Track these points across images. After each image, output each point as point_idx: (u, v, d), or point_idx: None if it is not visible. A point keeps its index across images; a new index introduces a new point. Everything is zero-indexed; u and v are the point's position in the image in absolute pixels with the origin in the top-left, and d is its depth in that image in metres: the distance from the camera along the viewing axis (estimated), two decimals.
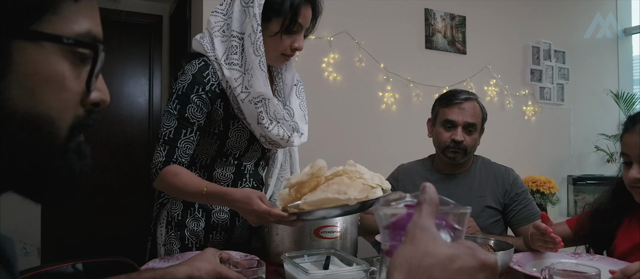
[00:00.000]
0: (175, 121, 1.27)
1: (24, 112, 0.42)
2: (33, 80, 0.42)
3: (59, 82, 0.45)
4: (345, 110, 3.08)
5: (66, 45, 0.44)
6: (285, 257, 1.05)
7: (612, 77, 4.31)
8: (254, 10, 1.23)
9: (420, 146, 2.09)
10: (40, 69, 0.43)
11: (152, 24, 4.01)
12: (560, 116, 3.99)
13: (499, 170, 1.73)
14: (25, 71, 0.42)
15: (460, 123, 1.65)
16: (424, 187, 0.47)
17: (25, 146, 0.43)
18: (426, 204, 0.46)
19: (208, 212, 1.39)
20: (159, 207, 1.43)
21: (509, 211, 1.68)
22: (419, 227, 0.44)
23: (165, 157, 1.26)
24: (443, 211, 0.48)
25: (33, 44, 0.42)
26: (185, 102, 1.27)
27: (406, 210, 0.49)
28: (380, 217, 0.50)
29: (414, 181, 1.79)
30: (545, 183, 3.53)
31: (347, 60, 3.08)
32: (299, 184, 1.06)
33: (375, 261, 1.00)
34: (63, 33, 0.44)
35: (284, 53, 1.32)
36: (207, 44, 1.30)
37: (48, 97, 0.44)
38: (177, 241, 1.38)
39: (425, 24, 3.38)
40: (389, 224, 0.49)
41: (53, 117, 0.44)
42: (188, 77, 1.27)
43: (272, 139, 1.34)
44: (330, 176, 1.06)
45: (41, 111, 0.43)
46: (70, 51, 0.45)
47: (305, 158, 2.78)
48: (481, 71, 3.57)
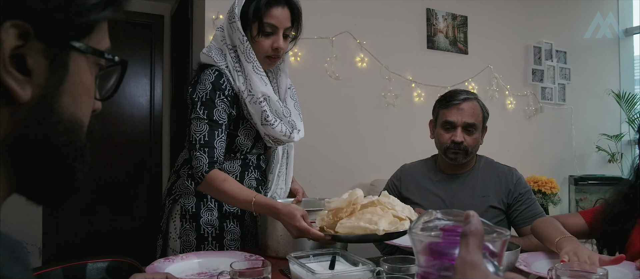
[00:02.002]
0: (206, 125, 1.38)
1: (68, 118, 0.46)
2: (79, 89, 0.47)
3: (91, 91, 0.49)
4: (346, 110, 3.08)
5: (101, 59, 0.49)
6: (291, 257, 1.05)
7: (614, 77, 4.31)
8: (237, 24, 1.40)
9: (422, 146, 2.08)
10: (84, 79, 0.47)
11: (153, 24, 4.00)
12: (562, 116, 3.99)
13: (502, 170, 1.73)
14: (75, 80, 0.46)
15: (459, 124, 1.65)
16: (467, 216, 0.45)
17: (63, 149, 0.46)
18: (472, 236, 0.44)
19: (220, 203, 1.48)
20: (172, 203, 1.52)
21: (513, 211, 1.67)
22: (469, 264, 0.42)
23: (208, 160, 1.36)
24: (485, 239, 0.45)
25: (83, 57, 0.46)
26: (211, 107, 1.39)
27: (442, 234, 0.46)
28: (415, 241, 0.48)
29: (417, 181, 1.79)
30: (546, 183, 3.53)
31: (348, 60, 3.08)
32: (336, 209, 1.18)
33: (382, 262, 1.00)
34: (101, 48, 0.48)
35: (267, 55, 1.44)
36: (216, 55, 1.44)
37: (83, 105, 0.48)
38: (193, 232, 1.47)
39: (427, 23, 3.38)
40: (424, 249, 0.47)
41: (84, 123, 0.49)
42: (208, 85, 1.40)
43: (275, 137, 1.47)
44: (366, 204, 1.18)
45: (78, 117, 0.48)
46: (99, 64, 0.50)
47: (307, 158, 2.79)
48: (483, 70, 3.57)
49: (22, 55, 0.41)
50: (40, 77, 0.42)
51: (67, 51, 0.44)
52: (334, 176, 2.97)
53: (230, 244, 1.49)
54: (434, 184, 1.75)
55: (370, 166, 3.08)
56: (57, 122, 0.45)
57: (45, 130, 0.44)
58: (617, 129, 4.23)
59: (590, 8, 4.15)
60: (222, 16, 2.66)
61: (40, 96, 0.43)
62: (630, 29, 4.38)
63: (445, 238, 0.46)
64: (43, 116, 0.44)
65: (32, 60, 0.41)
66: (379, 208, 1.16)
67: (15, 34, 0.40)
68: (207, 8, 2.69)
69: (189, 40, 3.11)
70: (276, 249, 1.36)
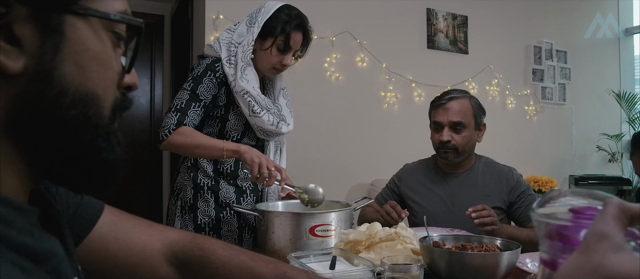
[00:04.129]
0: (188, 95, 1.50)
1: (74, 89, 0.42)
2: (84, 56, 0.42)
3: (105, 60, 0.45)
4: (347, 110, 3.08)
5: (112, 24, 0.44)
6: (292, 257, 1.05)
7: (614, 77, 4.31)
8: (254, 30, 1.53)
9: (423, 146, 2.08)
10: (90, 46, 0.43)
11: (153, 23, 4.00)
12: (562, 115, 3.99)
13: (502, 170, 1.74)
14: (77, 47, 0.42)
15: (445, 123, 1.67)
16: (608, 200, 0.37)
17: (75, 125, 0.42)
18: (612, 206, 0.36)
19: (216, 193, 1.54)
20: (175, 200, 1.58)
21: (515, 210, 1.68)
22: (597, 233, 0.35)
23: (177, 121, 1.46)
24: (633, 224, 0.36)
25: (83, 20, 0.42)
26: (198, 83, 1.51)
27: (571, 215, 0.39)
28: (539, 223, 0.41)
29: (417, 181, 1.80)
30: (547, 183, 3.53)
31: (349, 60, 3.08)
32: (355, 241, 1.17)
33: (382, 262, 1.00)
34: (107, 10, 0.44)
35: (275, 67, 1.58)
36: (217, 48, 1.57)
37: (96, 75, 0.43)
38: (191, 222, 1.53)
39: (427, 23, 3.38)
40: (548, 232, 0.40)
41: (99, 96, 0.44)
42: (203, 67, 1.53)
43: (263, 128, 1.57)
44: (385, 239, 1.18)
45: (89, 89, 0.43)
46: (111, 30, 0.45)
47: (307, 157, 2.80)
48: (483, 70, 3.57)
49: (8, 24, 0.38)
50: (32, 45, 0.39)
51: (58, 15, 0.40)
52: (334, 175, 2.97)
53: (228, 235, 1.53)
54: (434, 184, 1.76)
55: (370, 166, 3.08)
56: (60, 94, 0.41)
57: (47, 103, 0.40)
58: (618, 129, 4.23)
59: (590, 8, 4.15)
60: (222, 16, 2.66)
61: (34, 66, 0.39)
62: (630, 28, 4.38)
63: (575, 220, 0.39)
64: (42, 88, 0.40)
65: (20, 28, 0.38)
66: (398, 243, 1.15)
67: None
68: (207, 8, 2.69)
69: (189, 40, 3.11)
70: (276, 249, 1.35)
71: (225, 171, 1.57)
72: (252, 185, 1.61)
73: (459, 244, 1.14)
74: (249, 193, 1.59)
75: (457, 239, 1.17)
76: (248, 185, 1.60)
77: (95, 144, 0.44)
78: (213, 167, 1.56)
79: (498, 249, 1.10)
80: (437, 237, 1.16)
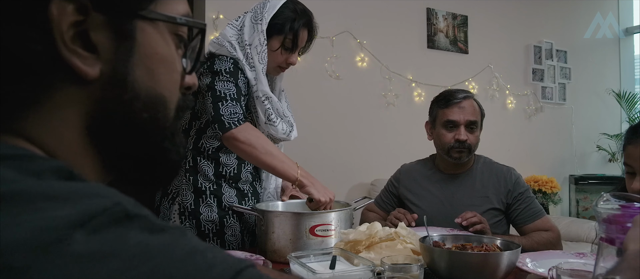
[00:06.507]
0: (233, 86, 1.39)
1: (145, 92, 0.43)
2: (153, 60, 0.44)
3: (171, 62, 0.46)
4: (347, 110, 3.08)
5: (175, 26, 0.46)
6: (292, 257, 1.05)
7: (614, 77, 4.31)
8: (261, 27, 1.44)
9: (422, 146, 2.08)
10: (158, 49, 0.44)
11: None
12: (562, 115, 3.99)
13: (500, 170, 1.73)
14: (147, 51, 0.43)
15: (462, 122, 1.64)
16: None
17: (146, 127, 0.44)
18: None
19: (219, 198, 1.49)
20: (170, 203, 1.50)
21: (513, 211, 1.67)
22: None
23: (242, 110, 1.37)
24: None
25: (152, 25, 0.43)
26: (235, 78, 1.40)
27: (620, 208, 0.60)
28: (598, 212, 0.62)
29: (415, 181, 1.78)
30: (547, 183, 3.53)
31: (349, 60, 3.08)
32: (355, 241, 1.16)
33: (382, 262, 1.00)
34: (172, 14, 0.45)
35: (281, 66, 1.53)
36: (229, 47, 1.45)
37: (163, 77, 0.45)
38: (193, 229, 1.47)
39: (427, 23, 3.38)
40: (606, 218, 0.60)
41: (166, 98, 0.45)
42: (230, 64, 1.41)
43: (275, 136, 1.51)
44: (385, 239, 1.17)
45: (158, 91, 0.44)
46: (175, 33, 0.46)
47: (307, 157, 2.79)
48: (483, 70, 3.57)
49: (85, 31, 0.39)
50: (108, 51, 0.40)
51: (131, 20, 0.41)
52: (334, 175, 2.97)
53: (231, 241, 1.49)
54: (433, 184, 1.75)
55: (370, 165, 3.08)
56: (134, 98, 0.42)
57: (122, 107, 0.42)
58: (618, 129, 4.22)
59: (590, 8, 4.15)
60: (222, 16, 2.66)
61: (109, 71, 0.41)
62: (630, 28, 4.38)
63: (624, 209, 0.59)
64: (117, 93, 0.41)
65: (96, 34, 0.39)
66: (399, 243, 1.15)
67: (73, 9, 0.37)
68: (207, 8, 2.69)
69: None
70: (276, 249, 1.35)
71: (228, 174, 1.51)
72: (253, 188, 1.58)
73: (459, 244, 1.14)
74: (250, 196, 1.56)
75: (457, 239, 1.17)
76: (249, 188, 1.56)
77: (162, 145, 0.46)
78: (214, 170, 1.50)
79: (498, 249, 1.10)
80: (437, 237, 1.16)
